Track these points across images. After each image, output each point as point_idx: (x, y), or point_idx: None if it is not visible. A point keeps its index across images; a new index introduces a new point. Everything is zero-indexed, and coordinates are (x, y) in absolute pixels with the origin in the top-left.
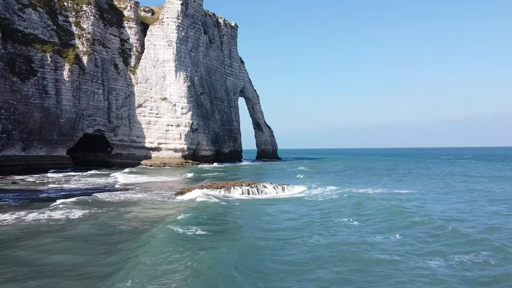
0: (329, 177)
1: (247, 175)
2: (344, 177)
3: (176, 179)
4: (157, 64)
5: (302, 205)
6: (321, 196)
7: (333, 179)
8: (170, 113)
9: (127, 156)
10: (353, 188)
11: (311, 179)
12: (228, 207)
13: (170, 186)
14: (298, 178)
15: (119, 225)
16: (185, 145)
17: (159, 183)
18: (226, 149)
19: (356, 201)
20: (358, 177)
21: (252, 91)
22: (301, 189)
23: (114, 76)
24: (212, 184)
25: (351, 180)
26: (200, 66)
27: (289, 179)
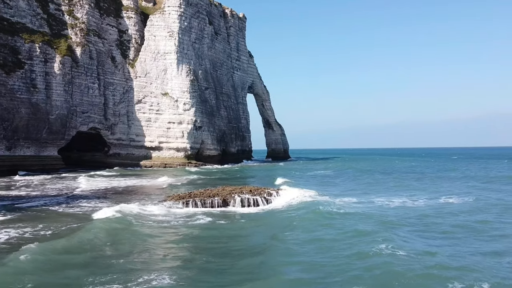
0: (351, 180)
1: (252, 177)
2: (369, 181)
3: (159, 183)
4: (157, 56)
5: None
6: (347, 208)
7: (357, 184)
8: (172, 110)
9: (125, 156)
10: (384, 196)
11: (326, 184)
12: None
13: (129, 195)
14: (311, 181)
15: None
16: (187, 144)
17: (126, 189)
18: (233, 149)
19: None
20: (381, 182)
21: (262, 87)
22: (311, 194)
23: (111, 69)
24: (187, 195)
25: (375, 187)
26: (205, 59)
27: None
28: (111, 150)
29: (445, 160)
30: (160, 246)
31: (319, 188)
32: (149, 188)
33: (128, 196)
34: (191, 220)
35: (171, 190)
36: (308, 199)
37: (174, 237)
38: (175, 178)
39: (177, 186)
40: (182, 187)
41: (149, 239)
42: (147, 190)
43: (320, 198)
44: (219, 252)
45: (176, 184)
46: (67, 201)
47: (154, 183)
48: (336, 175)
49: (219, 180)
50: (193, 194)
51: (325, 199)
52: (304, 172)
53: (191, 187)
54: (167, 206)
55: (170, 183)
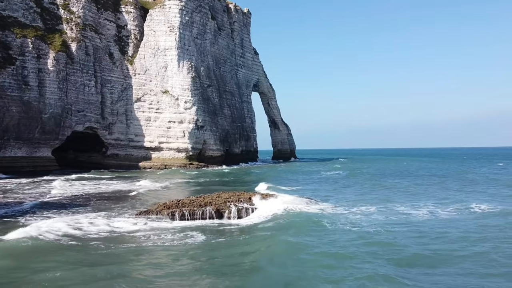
0: (364, 183)
1: (256, 181)
2: (384, 184)
3: (147, 187)
4: (157, 52)
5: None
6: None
7: (373, 189)
8: (172, 108)
9: (124, 157)
10: (409, 204)
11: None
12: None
13: (98, 204)
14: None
15: None
16: (189, 144)
17: (101, 196)
18: (237, 149)
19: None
20: (398, 186)
21: (267, 86)
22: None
23: (109, 66)
24: (174, 204)
25: (393, 191)
26: (207, 55)
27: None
28: (109, 151)
29: (457, 161)
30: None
31: (332, 194)
32: (132, 194)
33: (97, 205)
34: (175, 239)
35: (157, 197)
36: (314, 209)
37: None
38: (168, 181)
39: (167, 191)
40: (173, 192)
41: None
42: (127, 196)
43: (331, 210)
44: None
45: (165, 189)
46: (15, 212)
47: (141, 187)
48: (346, 178)
49: (219, 184)
50: (182, 203)
51: (338, 211)
52: (313, 174)
53: (183, 193)
54: (145, 219)
55: (160, 187)
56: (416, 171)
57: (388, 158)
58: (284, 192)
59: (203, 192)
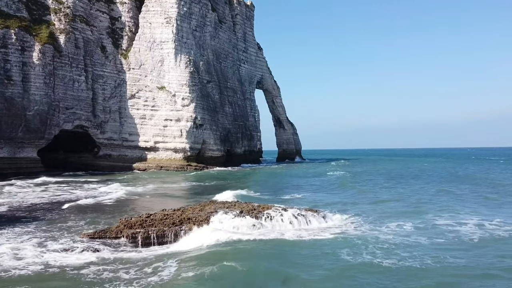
0: (384, 189)
1: (259, 184)
2: (408, 189)
3: (115, 193)
4: (153, 46)
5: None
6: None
7: (399, 195)
8: (169, 105)
9: (117, 157)
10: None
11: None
12: None
13: (39, 220)
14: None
15: None
16: (187, 144)
17: (55, 207)
18: (239, 149)
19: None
20: (427, 191)
21: (272, 83)
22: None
23: (101, 60)
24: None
25: (423, 199)
26: (207, 49)
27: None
28: (101, 151)
29: (469, 161)
30: None
31: (345, 203)
32: (106, 202)
33: (41, 220)
34: (133, 279)
35: (135, 207)
36: (319, 232)
37: None
38: (157, 185)
39: (150, 199)
40: (157, 200)
41: None
42: (96, 206)
43: (347, 227)
44: None
45: (149, 195)
46: None
47: (122, 192)
48: (361, 181)
49: (214, 188)
50: (151, 219)
51: (360, 230)
52: (322, 177)
53: (167, 201)
54: (99, 243)
55: (143, 192)
56: (439, 173)
57: (398, 158)
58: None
59: (194, 198)
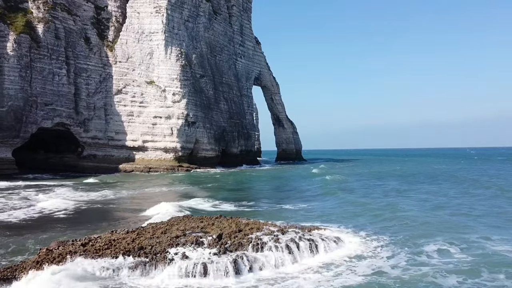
0: (411, 195)
1: (255, 191)
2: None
3: (69, 202)
4: (142, 37)
5: None
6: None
7: (426, 206)
8: (159, 101)
9: (103, 158)
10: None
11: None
12: None
13: None
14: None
15: None
16: (178, 143)
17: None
18: (235, 149)
19: None
20: (456, 204)
21: (271, 79)
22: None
23: (85, 52)
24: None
25: (455, 211)
26: (200, 41)
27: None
28: (85, 151)
29: (474, 161)
30: None
31: (360, 217)
32: (57, 216)
33: None
34: None
35: (96, 220)
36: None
37: None
38: (135, 189)
39: (115, 209)
40: (128, 206)
41: None
42: (25, 227)
43: (364, 250)
44: None
45: (117, 204)
46: None
47: (87, 200)
48: (371, 186)
49: (181, 195)
50: (93, 245)
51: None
52: (324, 181)
53: (108, 214)
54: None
55: (116, 198)
56: (463, 175)
57: (406, 159)
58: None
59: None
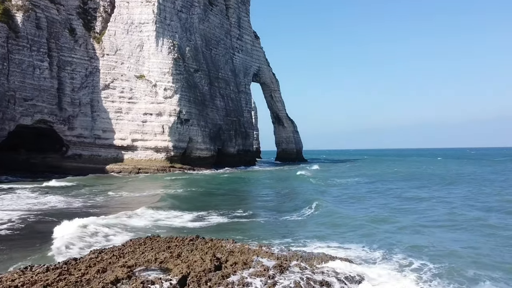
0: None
1: (250, 198)
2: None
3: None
4: (131, 28)
5: None
6: None
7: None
8: (149, 97)
9: (89, 158)
10: None
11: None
12: None
13: None
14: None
15: None
16: (169, 142)
17: None
18: (232, 148)
19: None
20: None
21: (270, 75)
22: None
23: (69, 44)
24: None
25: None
26: (195, 34)
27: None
28: (70, 151)
29: (485, 161)
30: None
31: (387, 238)
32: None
33: None
34: None
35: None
36: None
37: None
38: (98, 196)
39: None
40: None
41: None
42: None
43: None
44: None
45: (31, 217)
46: None
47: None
48: (382, 191)
49: (184, 201)
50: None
51: None
52: (343, 188)
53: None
54: None
55: (82, 206)
56: (492, 178)
57: (418, 159)
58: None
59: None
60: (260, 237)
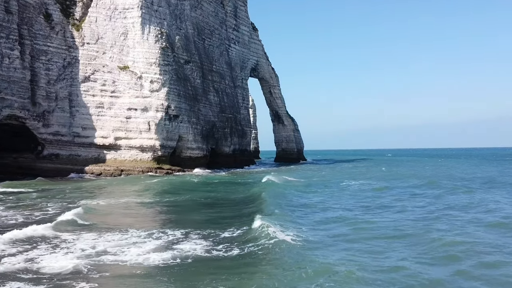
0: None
1: (239, 208)
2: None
3: None
4: (114, 14)
5: None
6: None
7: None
8: (134, 90)
9: (67, 158)
10: None
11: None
12: None
13: None
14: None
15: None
16: (157, 140)
17: None
18: (227, 148)
19: None
20: None
21: (269, 70)
22: None
23: (45, 32)
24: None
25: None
26: (186, 21)
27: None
28: (46, 150)
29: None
30: None
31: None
32: None
33: None
34: None
35: None
36: None
37: None
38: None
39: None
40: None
41: None
42: None
43: None
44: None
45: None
46: None
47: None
48: (399, 199)
49: (152, 218)
50: None
51: None
52: (337, 190)
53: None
54: None
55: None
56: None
57: (416, 159)
58: None
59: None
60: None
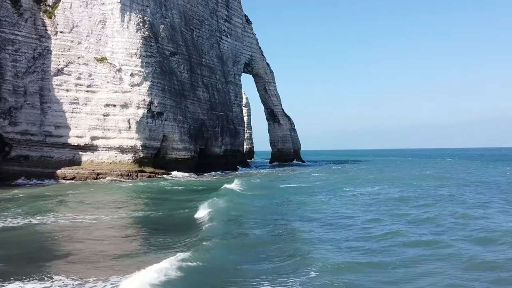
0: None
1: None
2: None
3: None
4: (91, 0)
5: None
6: None
7: None
8: (112, 84)
9: (38, 160)
10: None
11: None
12: None
13: None
14: None
15: None
16: (138, 140)
17: None
18: (218, 149)
19: None
20: None
21: (264, 65)
22: None
23: (11, 18)
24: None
25: None
26: (171, 10)
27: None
28: (14, 151)
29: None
30: None
31: None
32: None
33: None
34: None
35: None
36: None
37: None
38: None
39: None
40: None
41: None
42: None
43: None
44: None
45: None
46: None
47: None
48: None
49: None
50: None
51: None
52: (342, 197)
53: None
54: None
55: None
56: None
57: (419, 160)
58: None
59: None
60: None
